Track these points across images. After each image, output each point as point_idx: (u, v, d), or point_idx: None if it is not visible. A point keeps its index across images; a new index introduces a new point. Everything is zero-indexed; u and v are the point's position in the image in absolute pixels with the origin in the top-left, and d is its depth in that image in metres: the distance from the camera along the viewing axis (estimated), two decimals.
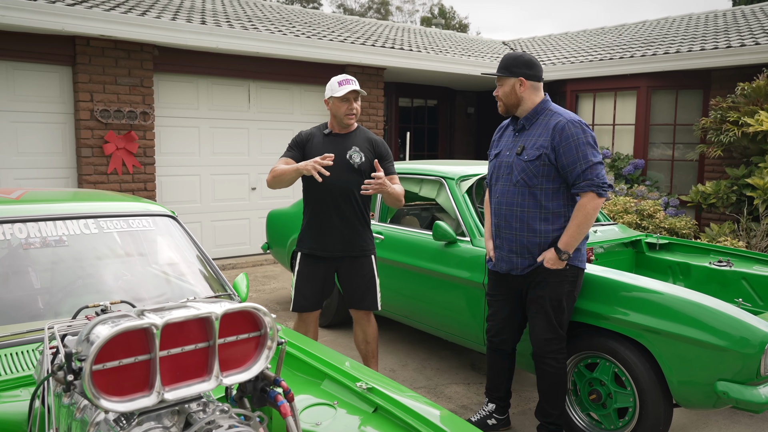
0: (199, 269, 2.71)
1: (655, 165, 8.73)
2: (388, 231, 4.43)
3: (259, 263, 7.72)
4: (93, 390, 1.18)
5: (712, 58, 7.73)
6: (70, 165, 6.49)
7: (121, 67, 6.46)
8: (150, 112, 6.67)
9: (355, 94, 3.34)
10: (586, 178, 2.76)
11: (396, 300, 4.33)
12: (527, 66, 2.91)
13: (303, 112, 8.26)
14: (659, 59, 8.27)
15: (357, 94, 3.34)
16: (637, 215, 6.86)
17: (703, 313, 2.67)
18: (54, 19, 5.77)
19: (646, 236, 4.28)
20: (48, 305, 2.26)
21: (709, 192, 7.27)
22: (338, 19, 10.87)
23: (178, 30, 6.53)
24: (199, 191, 7.46)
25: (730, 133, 6.99)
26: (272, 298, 6.12)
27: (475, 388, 3.96)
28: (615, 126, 9.03)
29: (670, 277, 4.03)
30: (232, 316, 1.38)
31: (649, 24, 11.52)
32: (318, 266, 3.44)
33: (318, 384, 2.07)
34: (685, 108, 8.46)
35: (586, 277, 3.10)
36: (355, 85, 3.31)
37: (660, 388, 2.83)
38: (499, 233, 3.03)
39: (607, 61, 8.87)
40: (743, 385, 2.56)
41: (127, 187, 6.62)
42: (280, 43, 7.31)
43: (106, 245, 2.46)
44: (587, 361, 3.13)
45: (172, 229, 2.74)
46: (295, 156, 3.40)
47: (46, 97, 6.30)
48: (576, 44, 11.19)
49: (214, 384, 1.34)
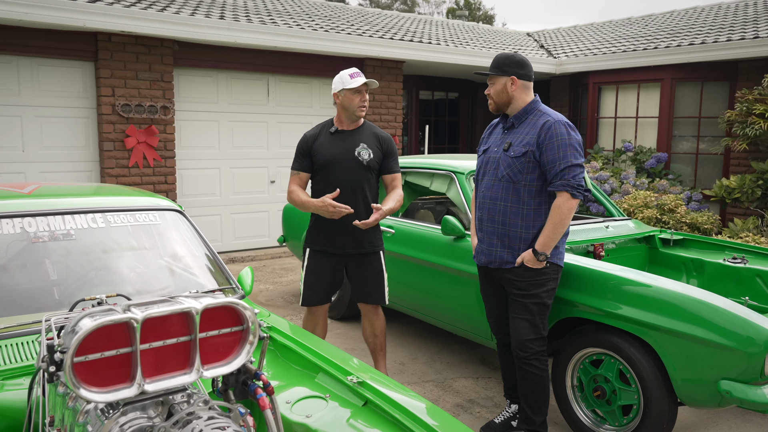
0: (205, 263, 2.76)
1: (679, 158, 8.57)
2: (400, 225, 4.45)
3: (278, 255, 7.81)
4: (74, 380, 1.23)
5: (738, 49, 7.55)
6: (93, 158, 6.64)
7: (142, 62, 6.58)
8: (170, 106, 6.78)
9: (366, 86, 3.37)
10: (562, 177, 2.80)
11: (407, 294, 4.35)
12: (518, 65, 2.95)
13: (322, 106, 8.30)
14: (684, 50, 8.10)
15: (367, 86, 3.37)
16: (658, 210, 6.75)
17: (708, 311, 2.63)
18: (76, 15, 5.89)
19: (660, 232, 4.22)
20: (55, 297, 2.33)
21: (734, 186, 7.11)
22: (359, 12, 10.87)
23: (196, 25, 6.61)
24: (218, 184, 7.56)
25: (756, 126, 6.83)
26: (288, 290, 6.19)
27: (483, 382, 3.97)
28: (638, 119, 8.89)
29: (683, 273, 3.98)
30: (213, 311, 1.42)
31: (677, 14, 11.28)
32: (327, 262, 3.48)
33: (313, 377, 2.11)
34: (710, 100, 8.28)
35: (592, 273, 3.09)
36: (365, 78, 3.35)
37: (664, 386, 2.80)
38: (481, 226, 3.08)
39: (631, 53, 8.72)
40: (747, 384, 2.52)
41: (148, 180, 6.75)
42: (298, 38, 7.36)
43: (113, 239, 2.53)
44: (592, 357, 3.11)
45: (179, 224, 2.80)
46: (305, 165, 3.45)
47: (70, 92, 6.45)
48: (601, 35, 11.01)
49: (195, 376, 1.38)
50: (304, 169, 3.45)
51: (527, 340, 2.94)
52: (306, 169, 3.45)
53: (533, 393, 2.98)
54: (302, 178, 3.46)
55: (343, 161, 3.38)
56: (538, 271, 2.91)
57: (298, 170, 3.46)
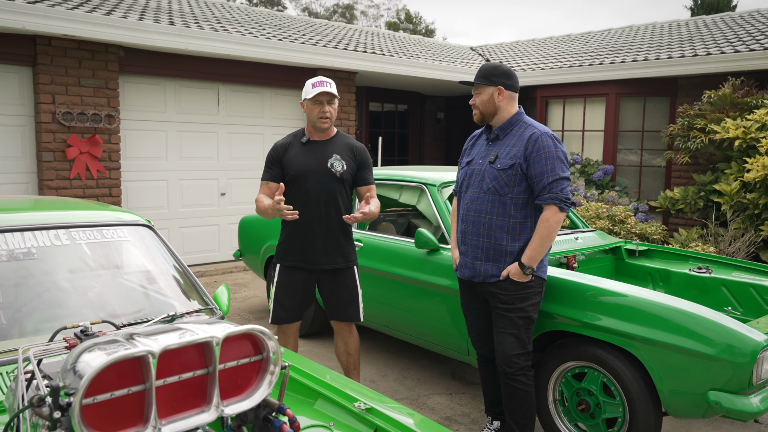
0: (178, 281, 2.57)
1: (624, 171, 8.85)
2: (368, 238, 4.34)
3: (228, 270, 7.53)
4: (83, 427, 1.06)
5: (679, 66, 7.88)
6: (30, 170, 6.21)
7: (85, 68, 6.22)
8: (115, 115, 6.44)
9: (328, 96, 3.21)
10: (550, 190, 2.78)
11: (376, 309, 4.23)
12: (506, 76, 2.92)
13: (273, 116, 8.10)
14: (628, 66, 8.39)
15: (330, 96, 3.22)
16: (609, 221, 6.92)
17: (695, 322, 2.65)
18: (13, 17, 5.50)
19: (625, 243, 4.29)
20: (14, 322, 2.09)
21: (678, 198, 7.39)
22: (307, 22, 10.74)
23: (145, 30, 6.31)
24: (166, 197, 7.23)
25: (697, 140, 7.12)
26: (245, 306, 5.95)
27: (457, 398, 3.89)
28: (585, 132, 9.13)
29: (650, 283, 4.04)
30: (232, 340, 1.27)
31: (614, 32, 11.72)
32: (298, 277, 3.33)
33: (311, 404, 1.97)
34: (652, 115, 8.60)
35: (573, 284, 3.07)
36: (328, 87, 3.18)
37: (650, 398, 2.80)
38: (464, 239, 3.02)
39: (577, 68, 8.97)
40: (735, 394, 2.55)
41: (91, 192, 6.37)
42: (251, 46, 7.16)
43: (79, 257, 2.31)
44: (575, 370, 3.09)
45: (149, 239, 2.60)
46: (275, 175, 3.29)
47: (5, 99, 6.01)
48: (543, 50, 11.30)
49: (214, 415, 1.23)
50: (273, 178, 3.29)
51: (513, 355, 2.88)
52: (275, 178, 3.29)
53: (520, 409, 2.92)
54: (271, 188, 3.28)
55: (315, 173, 3.24)
56: (524, 284, 2.86)
57: (268, 180, 3.30)
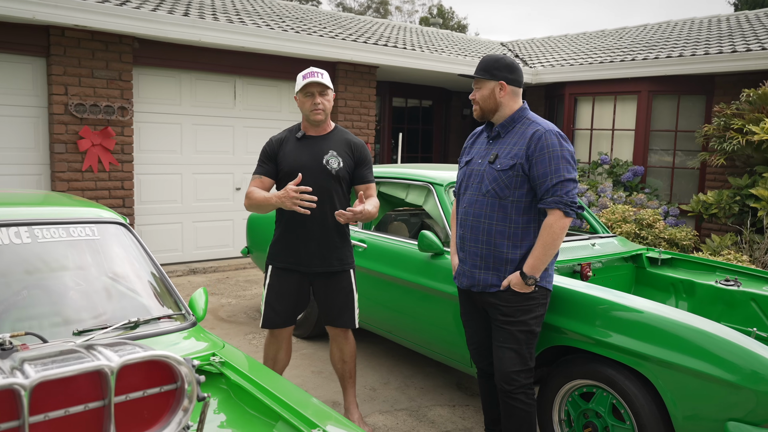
0: (151, 284, 2.41)
1: (655, 172, 8.46)
2: (373, 239, 4.14)
3: (242, 266, 7.42)
4: None
5: (716, 63, 7.46)
6: (42, 161, 6.18)
7: (99, 60, 6.15)
8: (128, 107, 6.36)
9: (320, 87, 3.01)
10: (554, 193, 2.52)
11: (379, 313, 4.04)
12: (509, 69, 2.66)
13: (291, 110, 7.96)
14: (661, 63, 8.00)
15: (322, 87, 3.02)
16: (636, 224, 6.59)
17: (716, 344, 2.38)
18: (23, 6, 5.45)
19: (647, 250, 4.00)
20: None
21: (711, 202, 7.00)
22: (333, 16, 10.57)
23: (158, 21, 6.22)
24: (180, 191, 7.15)
25: (733, 141, 6.73)
26: (252, 304, 5.82)
27: (460, 411, 3.67)
28: (614, 131, 8.76)
29: (672, 295, 3.75)
30: (135, 367, 1.09)
31: (650, 27, 11.26)
32: (291, 279, 3.15)
33: (271, 426, 1.78)
34: (687, 114, 8.19)
35: (583, 297, 2.82)
36: (319, 78, 2.98)
37: (662, 424, 2.54)
38: (463, 246, 2.78)
39: (608, 64, 8.60)
40: (757, 427, 2.28)
41: (103, 185, 6.31)
42: (267, 38, 7.01)
43: (39, 257, 2.16)
44: (582, 389, 2.84)
45: (121, 238, 2.44)
46: (269, 171, 3.12)
47: (18, 90, 5.98)
48: (575, 46, 10.92)
49: None
50: (267, 174, 3.12)
51: (513, 372, 2.65)
52: (270, 174, 3.12)
53: (519, 430, 2.69)
54: (264, 183, 3.11)
55: (310, 170, 3.05)
56: (526, 295, 2.63)
57: (261, 175, 3.12)
